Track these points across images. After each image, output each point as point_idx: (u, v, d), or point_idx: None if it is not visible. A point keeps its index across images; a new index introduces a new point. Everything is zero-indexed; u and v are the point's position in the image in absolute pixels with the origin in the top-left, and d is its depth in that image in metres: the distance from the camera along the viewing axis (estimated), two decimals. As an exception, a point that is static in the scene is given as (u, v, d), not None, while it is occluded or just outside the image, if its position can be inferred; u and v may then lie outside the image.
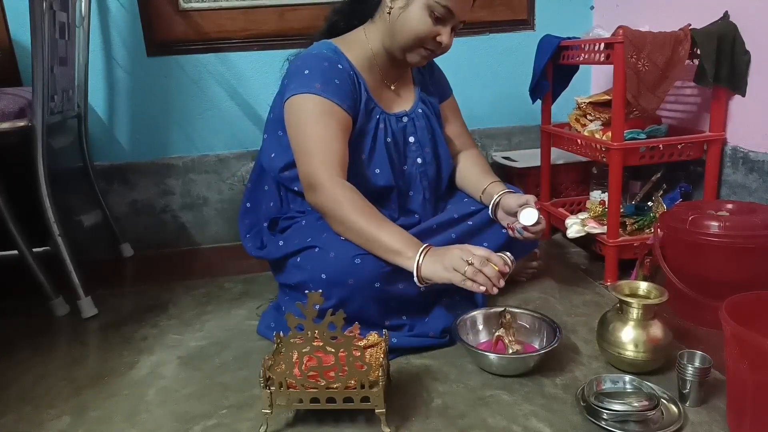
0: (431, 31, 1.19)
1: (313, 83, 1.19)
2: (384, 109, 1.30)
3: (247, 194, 1.39)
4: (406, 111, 1.34)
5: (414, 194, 1.33)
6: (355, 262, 1.11)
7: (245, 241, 1.37)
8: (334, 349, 0.88)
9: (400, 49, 1.24)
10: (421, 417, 0.97)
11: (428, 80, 1.44)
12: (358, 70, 1.27)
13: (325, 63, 1.22)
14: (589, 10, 2.02)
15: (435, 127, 1.38)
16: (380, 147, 1.27)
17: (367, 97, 1.27)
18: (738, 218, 1.20)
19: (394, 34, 1.23)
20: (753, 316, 0.89)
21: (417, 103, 1.37)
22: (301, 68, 1.22)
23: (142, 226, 1.93)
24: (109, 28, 1.80)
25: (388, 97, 1.33)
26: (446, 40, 1.20)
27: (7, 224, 1.36)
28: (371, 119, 1.28)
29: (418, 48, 1.22)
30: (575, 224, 1.54)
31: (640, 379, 1.00)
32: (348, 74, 1.24)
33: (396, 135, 1.30)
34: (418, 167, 1.33)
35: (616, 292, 1.07)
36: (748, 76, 1.39)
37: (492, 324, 1.18)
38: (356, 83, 1.25)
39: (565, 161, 1.85)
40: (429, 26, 1.18)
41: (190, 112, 1.90)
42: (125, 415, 1.02)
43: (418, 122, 1.34)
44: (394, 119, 1.31)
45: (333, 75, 1.21)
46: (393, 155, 1.29)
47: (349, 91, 1.22)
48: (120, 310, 1.47)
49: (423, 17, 1.18)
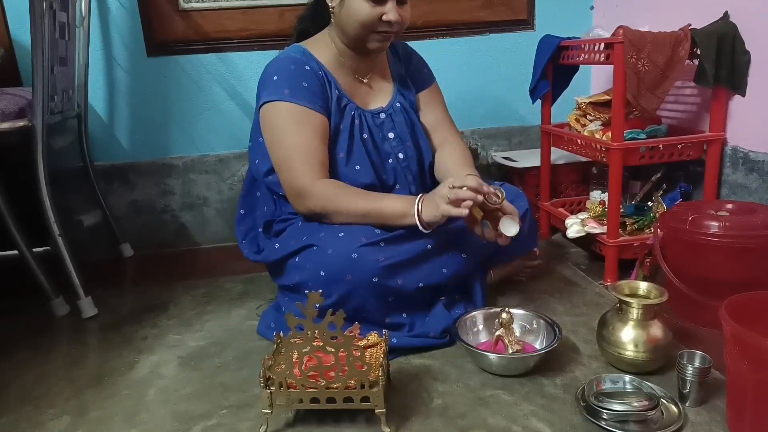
0: (374, 15, 1.19)
1: (282, 89, 1.21)
2: (359, 106, 1.31)
3: (241, 201, 1.40)
4: (383, 107, 1.34)
5: (400, 189, 1.33)
6: (353, 257, 1.12)
7: (242, 246, 1.38)
8: (334, 349, 0.88)
9: (355, 41, 1.25)
10: (421, 417, 0.97)
11: (405, 72, 1.43)
12: (328, 69, 1.29)
13: (292, 66, 1.24)
14: (589, 10, 2.02)
15: (415, 121, 1.38)
16: (357, 143, 1.28)
17: (339, 94, 1.28)
18: (738, 218, 1.20)
19: (344, 30, 1.25)
20: (753, 316, 0.89)
21: (395, 98, 1.37)
22: (271, 74, 1.25)
23: (142, 226, 1.93)
24: (109, 28, 1.80)
25: (363, 93, 1.33)
26: (393, 16, 1.20)
27: (7, 224, 1.36)
28: (345, 116, 1.28)
29: (370, 34, 1.23)
30: (575, 224, 1.54)
31: (640, 379, 1.00)
32: (316, 74, 1.25)
33: (373, 131, 1.31)
34: (400, 162, 1.33)
35: (616, 292, 1.07)
36: (748, 76, 1.39)
37: (492, 324, 1.18)
38: (325, 82, 1.27)
39: (565, 161, 1.85)
40: (369, 11, 1.19)
41: (190, 112, 1.90)
42: (125, 415, 1.02)
43: (397, 117, 1.34)
44: (370, 115, 1.32)
45: (300, 78, 1.23)
46: (371, 151, 1.30)
47: (318, 92, 1.24)
48: (120, 310, 1.47)
49: (360, 5, 1.19)
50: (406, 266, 1.16)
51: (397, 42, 1.42)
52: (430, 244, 1.20)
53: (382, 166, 1.31)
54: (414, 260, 1.18)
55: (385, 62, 1.40)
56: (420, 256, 1.19)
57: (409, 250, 1.18)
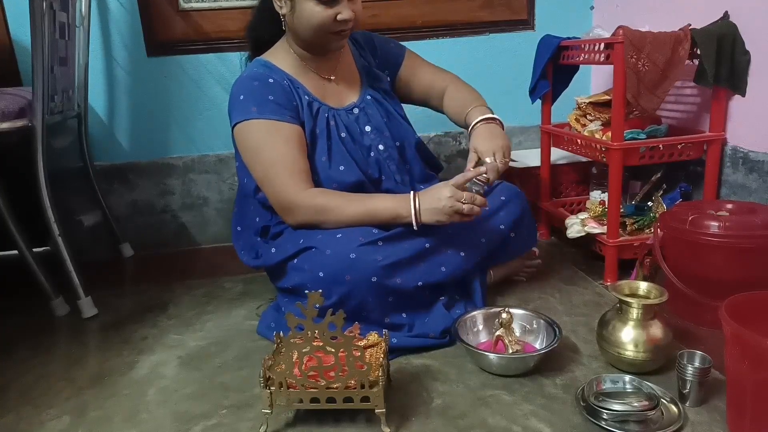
0: (327, 17, 1.19)
1: (249, 108, 1.22)
2: (331, 106, 1.31)
3: (235, 219, 1.40)
4: (355, 102, 1.35)
5: (386, 180, 1.33)
6: (351, 257, 1.12)
7: (241, 255, 1.38)
8: (334, 349, 0.88)
9: (313, 44, 1.25)
10: (421, 417, 0.97)
11: (372, 59, 1.43)
12: (293, 77, 1.28)
13: (255, 82, 1.24)
14: (589, 10, 2.02)
15: (389, 110, 1.38)
16: (337, 144, 1.28)
17: (309, 99, 1.28)
18: (738, 218, 1.20)
19: (299, 35, 1.25)
20: (753, 316, 0.89)
21: (365, 91, 1.37)
22: (237, 95, 1.25)
23: (142, 226, 1.93)
24: (109, 28, 1.80)
25: (333, 93, 1.33)
26: (347, 14, 1.19)
27: (7, 224, 1.36)
28: (320, 120, 1.28)
29: (327, 35, 1.22)
30: (575, 224, 1.54)
31: (640, 379, 1.00)
32: (281, 86, 1.25)
33: (350, 128, 1.31)
34: (381, 153, 1.33)
35: (616, 292, 1.07)
36: (748, 76, 1.39)
37: (492, 324, 1.18)
38: (292, 91, 1.27)
39: (565, 161, 1.85)
40: (321, 14, 1.18)
41: (190, 112, 1.90)
42: (125, 415, 1.02)
43: (370, 110, 1.35)
44: (344, 113, 1.32)
45: (265, 93, 1.23)
46: (352, 149, 1.30)
47: (285, 102, 1.24)
48: (120, 310, 1.47)
49: (313, 9, 1.18)
50: (404, 265, 1.17)
51: (355, 32, 1.40)
52: (428, 243, 1.21)
53: (365, 161, 1.31)
54: (412, 259, 1.18)
55: (350, 57, 1.40)
56: (418, 255, 1.19)
57: (407, 249, 1.18)
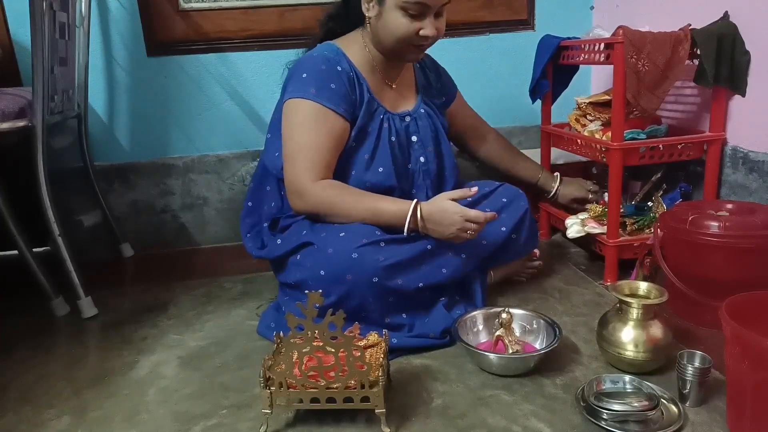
0: (412, 30, 1.20)
1: (309, 87, 1.22)
2: (388, 109, 1.31)
3: (249, 193, 1.41)
4: (409, 111, 1.36)
5: (417, 193, 1.34)
6: (353, 257, 1.12)
7: (246, 241, 1.38)
8: (334, 349, 0.88)
9: (390, 51, 1.26)
10: (421, 417, 0.97)
11: (434, 82, 1.46)
12: (359, 71, 1.28)
13: (323, 66, 1.24)
14: (589, 10, 2.02)
15: (438, 126, 1.40)
16: (384, 146, 1.29)
17: (370, 97, 1.28)
18: (738, 218, 1.20)
19: (379, 40, 1.25)
20: (753, 316, 0.89)
21: (419, 104, 1.39)
22: (300, 71, 1.25)
23: (142, 226, 1.93)
24: (109, 28, 1.80)
25: (391, 97, 1.34)
26: (430, 32, 1.21)
27: (7, 224, 1.36)
28: (374, 119, 1.29)
29: (407, 46, 1.24)
30: (575, 224, 1.54)
31: (640, 379, 1.00)
32: (348, 76, 1.25)
33: (400, 134, 1.32)
34: (421, 165, 1.34)
35: (616, 292, 1.07)
36: (748, 76, 1.39)
37: (492, 324, 1.18)
38: (357, 84, 1.27)
39: (565, 161, 1.85)
40: (407, 26, 1.19)
41: (190, 112, 1.90)
42: (125, 415, 1.02)
43: (421, 122, 1.36)
44: (398, 118, 1.33)
45: (329, 78, 1.23)
46: (397, 154, 1.31)
47: (345, 94, 1.24)
48: (120, 310, 1.47)
49: (399, 20, 1.19)
50: (406, 266, 1.17)
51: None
52: (430, 244, 1.21)
53: (404, 170, 1.32)
54: (414, 260, 1.18)
55: (412, 70, 1.42)
56: (420, 256, 1.19)
57: (409, 250, 1.18)
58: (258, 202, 1.39)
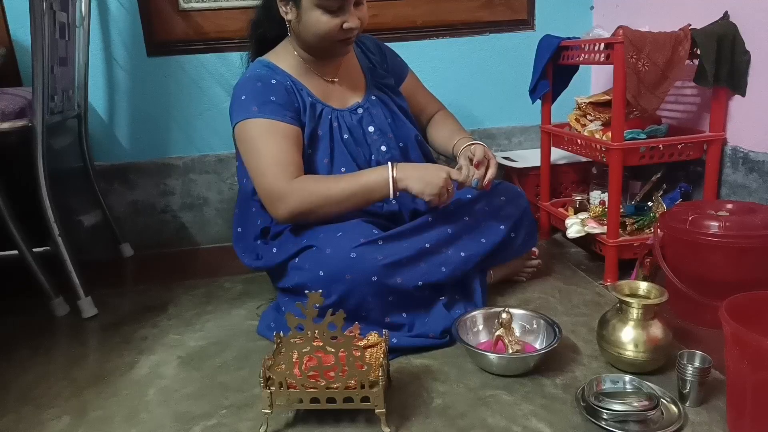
0: (334, 26, 1.19)
1: (250, 107, 1.22)
2: (335, 107, 1.31)
3: (236, 219, 1.40)
4: (359, 102, 1.35)
5: None
6: (351, 257, 1.12)
7: (242, 258, 1.38)
8: (334, 349, 0.88)
9: (319, 51, 1.26)
10: (421, 417, 0.97)
11: (378, 64, 1.43)
12: (295, 78, 1.28)
13: (258, 83, 1.24)
14: (589, 10, 2.02)
15: (393, 109, 1.38)
16: (339, 146, 1.29)
17: (312, 101, 1.28)
18: (738, 218, 1.20)
19: (305, 42, 1.25)
20: (753, 316, 0.89)
21: (369, 92, 1.37)
22: (239, 95, 1.25)
23: (142, 226, 1.93)
24: (109, 28, 1.80)
25: (337, 94, 1.33)
26: (354, 23, 1.20)
27: (7, 224, 1.36)
28: (323, 121, 1.28)
29: (333, 43, 1.23)
30: (575, 224, 1.54)
31: (640, 379, 1.00)
32: (284, 87, 1.25)
33: (353, 129, 1.31)
34: (383, 155, 1.33)
35: (616, 292, 1.07)
36: (748, 76, 1.39)
37: (492, 324, 1.18)
38: (296, 92, 1.27)
39: (565, 161, 1.85)
40: (329, 23, 1.19)
41: (190, 112, 1.90)
42: (125, 415, 1.02)
43: (374, 110, 1.35)
44: (348, 114, 1.32)
45: (267, 93, 1.23)
46: (354, 150, 1.30)
47: (287, 103, 1.24)
48: (120, 310, 1.47)
49: (319, 18, 1.19)
50: (405, 265, 1.17)
51: (362, 35, 1.40)
52: (428, 242, 1.21)
53: (366, 163, 1.31)
54: (413, 258, 1.18)
55: (354, 58, 1.40)
56: (419, 255, 1.19)
57: (407, 248, 1.18)
58: (247, 226, 1.38)
